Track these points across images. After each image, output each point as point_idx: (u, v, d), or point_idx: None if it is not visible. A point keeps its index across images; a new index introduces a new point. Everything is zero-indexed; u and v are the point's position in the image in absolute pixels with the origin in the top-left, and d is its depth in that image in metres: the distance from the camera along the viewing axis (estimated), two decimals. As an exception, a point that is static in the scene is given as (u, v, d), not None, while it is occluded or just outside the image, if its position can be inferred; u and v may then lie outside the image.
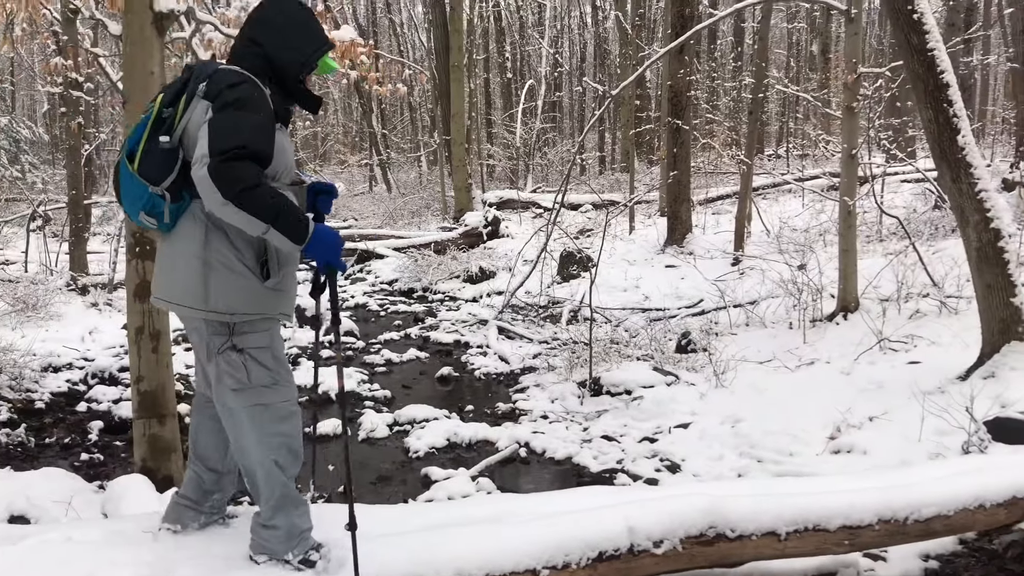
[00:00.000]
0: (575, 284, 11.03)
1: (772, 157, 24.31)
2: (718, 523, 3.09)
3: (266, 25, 2.64)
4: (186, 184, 2.49)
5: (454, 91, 17.05)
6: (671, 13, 12.61)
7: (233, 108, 2.41)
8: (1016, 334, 5.70)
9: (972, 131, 5.87)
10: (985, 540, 4.11)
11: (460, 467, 5.42)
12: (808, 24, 29.35)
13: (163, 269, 2.62)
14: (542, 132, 27.54)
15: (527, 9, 35.88)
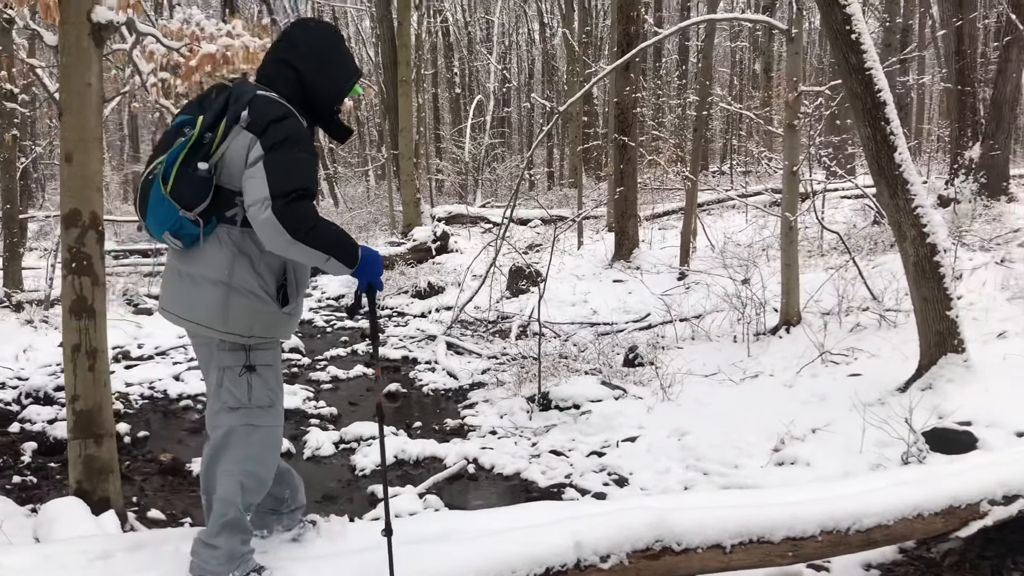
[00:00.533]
0: (524, 299, 11.04)
1: (716, 173, 24.68)
2: (664, 537, 3.10)
3: (303, 51, 2.64)
4: (215, 208, 2.51)
5: (402, 105, 17.00)
6: (617, 31, 12.75)
7: (284, 147, 2.44)
8: (952, 347, 5.85)
9: (909, 149, 6.02)
10: (924, 549, 4.20)
11: (407, 484, 5.37)
12: (751, 43, 29.98)
13: (180, 287, 2.63)
14: (491, 147, 27.61)
15: (475, 25, 36.04)
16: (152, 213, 2.51)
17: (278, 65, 2.64)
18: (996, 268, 8.69)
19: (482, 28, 36.25)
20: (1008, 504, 3.76)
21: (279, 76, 2.62)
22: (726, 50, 32.77)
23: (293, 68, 2.62)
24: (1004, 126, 13.66)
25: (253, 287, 2.55)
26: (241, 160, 2.45)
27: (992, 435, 5.07)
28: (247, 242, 2.55)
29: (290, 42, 2.67)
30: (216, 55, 5.47)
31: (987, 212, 12.19)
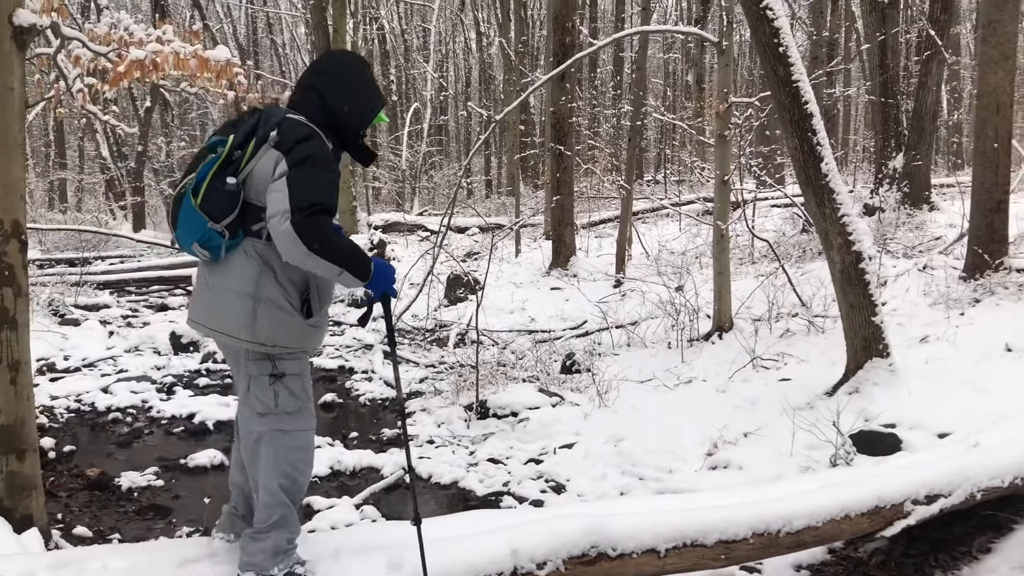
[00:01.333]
0: (462, 307, 11.04)
1: (651, 182, 25.03)
2: (600, 542, 3.13)
3: (330, 79, 2.80)
4: (243, 222, 2.65)
5: (338, 113, 16.88)
6: (552, 41, 12.86)
7: (308, 165, 2.57)
8: (877, 351, 6.03)
9: (835, 159, 6.20)
10: (852, 549, 4.32)
11: (344, 496, 5.32)
12: (683, 55, 30.51)
13: (208, 298, 2.76)
14: (428, 155, 27.56)
15: (412, 33, 35.96)
16: (183, 224, 2.65)
17: (306, 91, 2.80)
18: (919, 275, 9.00)
19: (419, 36, 36.20)
20: (930, 503, 3.89)
21: (306, 101, 2.77)
22: (660, 61, 33.29)
23: (319, 94, 2.77)
24: (926, 137, 14.16)
25: (278, 298, 2.67)
26: (267, 177, 2.59)
27: (915, 437, 5.24)
28: (272, 255, 2.66)
29: (317, 70, 2.85)
30: (145, 61, 5.36)
31: (910, 220, 12.62)
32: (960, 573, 4.03)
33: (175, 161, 27.48)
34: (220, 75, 5.60)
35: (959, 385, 5.79)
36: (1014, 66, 8.28)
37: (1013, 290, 7.59)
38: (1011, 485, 4.08)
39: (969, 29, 25.45)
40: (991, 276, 7.92)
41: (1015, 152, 10.18)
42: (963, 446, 4.70)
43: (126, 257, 16.99)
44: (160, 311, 12.47)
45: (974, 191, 8.30)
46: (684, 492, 4.68)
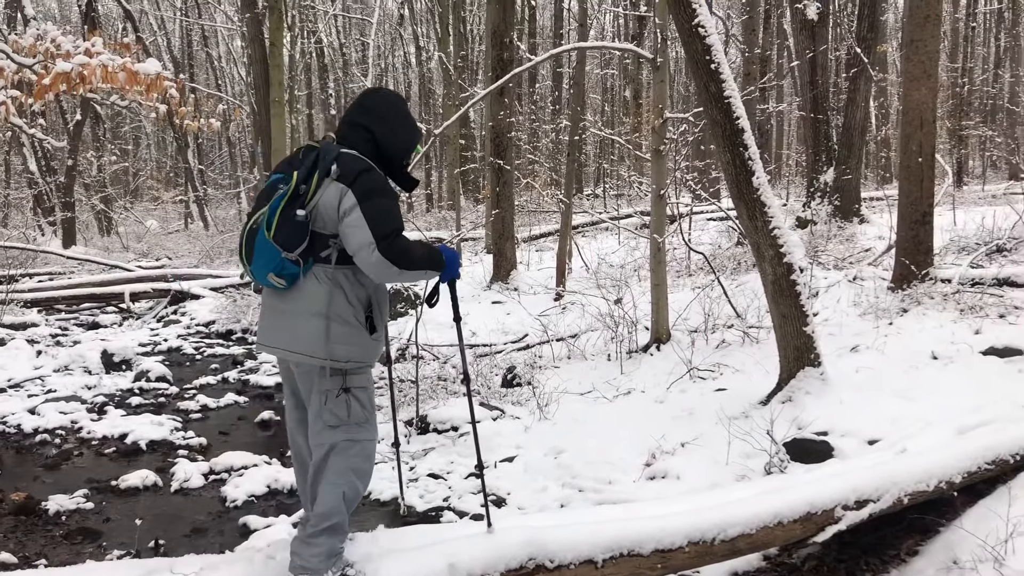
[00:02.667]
0: (402, 322, 10.97)
1: (590, 196, 25.30)
2: (538, 555, 3.14)
3: (375, 116, 3.08)
4: (311, 250, 2.89)
5: (275, 127, 16.65)
6: (491, 57, 12.94)
7: (376, 196, 2.86)
8: (809, 360, 6.17)
9: (768, 173, 6.35)
10: (785, 555, 4.39)
11: (281, 514, 5.25)
12: (621, 71, 30.93)
13: (283, 322, 2.97)
14: (368, 169, 27.37)
15: (350, 47, 35.80)
16: (257, 257, 2.86)
17: (355, 127, 3.07)
18: (849, 286, 9.25)
19: (357, 50, 36.06)
20: (860, 509, 3.99)
21: (356, 137, 3.05)
22: (598, 77, 33.69)
23: (367, 130, 3.05)
24: (855, 152, 14.60)
25: (348, 317, 2.92)
26: (333, 208, 2.85)
27: (846, 444, 5.36)
28: (340, 277, 2.92)
29: (364, 108, 3.11)
30: (72, 74, 5.23)
31: (841, 233, 12.97)
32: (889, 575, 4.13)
33: (107, 176, 26.84)
34: (151, 88, 5.49)
35: (888, 393, 5.95)
36: (936, 83, 8.58)
37: (938, 300, 7.84)
38: (936, 489, 4.21)
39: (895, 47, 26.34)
40: (917, 286, 8.17)
41: (938, 166, 10.53)
42: (891, 452, 4.82)
43: (55, 274, 16.53)
44: (91, 329, 12.16)
45: (900, 204, 8.56)
46: (623, 503, 4.70)
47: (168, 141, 34.40)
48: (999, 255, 9.79)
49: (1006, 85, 28.80)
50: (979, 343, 6.61)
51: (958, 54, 28.84)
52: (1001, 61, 30.83)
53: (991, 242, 10.07)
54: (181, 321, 12.56)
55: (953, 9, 29.37)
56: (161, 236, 24.27)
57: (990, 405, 5.27)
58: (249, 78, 24.02)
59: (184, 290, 13.43)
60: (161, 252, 20.37)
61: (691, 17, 6.03)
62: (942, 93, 24.38)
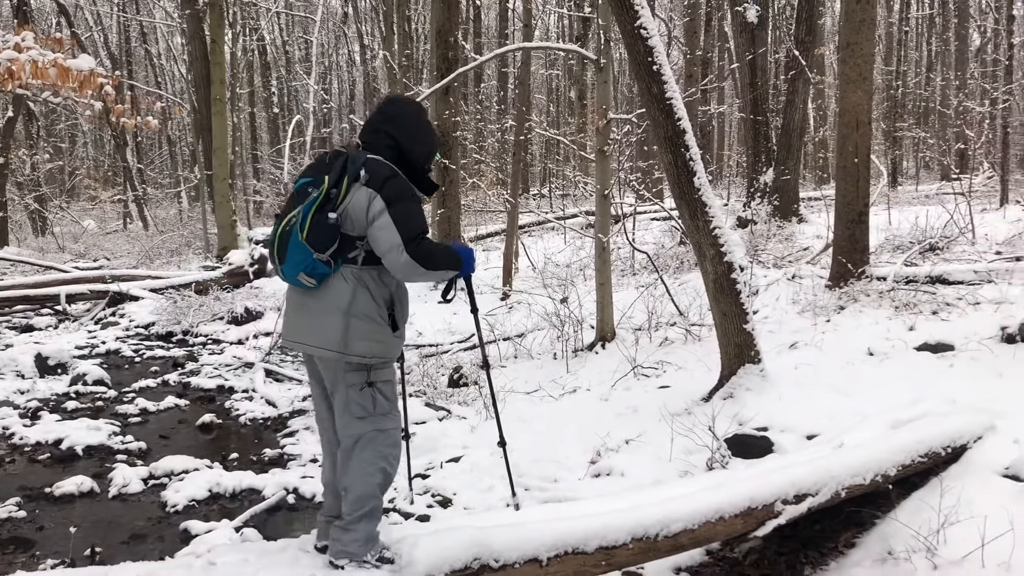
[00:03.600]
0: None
1: (537, 196, 25.36)
2: (482, 555, 3.14)
3: (398, 124, 3.24)
4: (340, 251, 3.04)
5: (216, 125, 16.41)
6: (435, 56, 12.89)
7: (403, 201, 3.02)
8: (749, 357, 6.28)
9: (710, 174, 6.44)
10: (727, 549, 4.47)
11: (224, 518, 5.16)
12: (566, 72, 31.09)
13: (310, 320, 3.10)
14: (311, 169, 27.06)
15: (294, 45, 35.37)
16: (290, 257, 3.01)
17: (378, 135, 3.22)
18: (788, 284, 9.43)
19: (301, 48, 35.64)
20: (799, 503, 4.07)
21: (381, 144, 3.20)
22: (543, 77, 33.81)
23: (391, 137, 3.20)
24: (794, 152, 14.89)
25: (373, 314, 3.07)
26: (363, 211, 3.00)
27: (786, 439, 5.47)
28: (365, 277, 3.08)
29: (386, 116, 3.26)
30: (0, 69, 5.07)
31: (780, 232, 13.21)
32: (828, 568, 4.23)
33: (41, 175, 26.10)
34: (84, 85, 5.35)
35: (826, 388, 6.09)
36: (871, 86, 8.80)
37: (874, 297, 8.04)
38: (872, 482, 4.31)
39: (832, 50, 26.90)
40: (854, 284, 8.37)
41: (874, 167, 10.79)
42: (829, 447, 4.93)
43: (-14, 276, 16.02)
44: (25, 332, 11.81)
45: (837, 204, 8.76)
46: (568, 500, 4.73)
47: (106, 139, 33.56)
48: (932, 253, 10.09)
49: (937, 88, 29.62)
50: (913, 339, 6.79)
51: (892, 58, 29.61)
52: (933, 65, 31.75)
53: (924, 241, 10.36)
54: (120, 323, 12.27)
55: (887, 14, 30.15)
56: (99, 236, 23.68)
57: (923, 399, 5.42)
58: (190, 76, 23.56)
59: (123, 291, 13.11)
60: (99, 253, 19.88)
61: (633, 19, 6.08)
62: (877, 96, 25.02)
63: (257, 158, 30.38)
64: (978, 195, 16.57)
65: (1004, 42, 20.30)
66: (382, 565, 3.11)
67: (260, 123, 33.83)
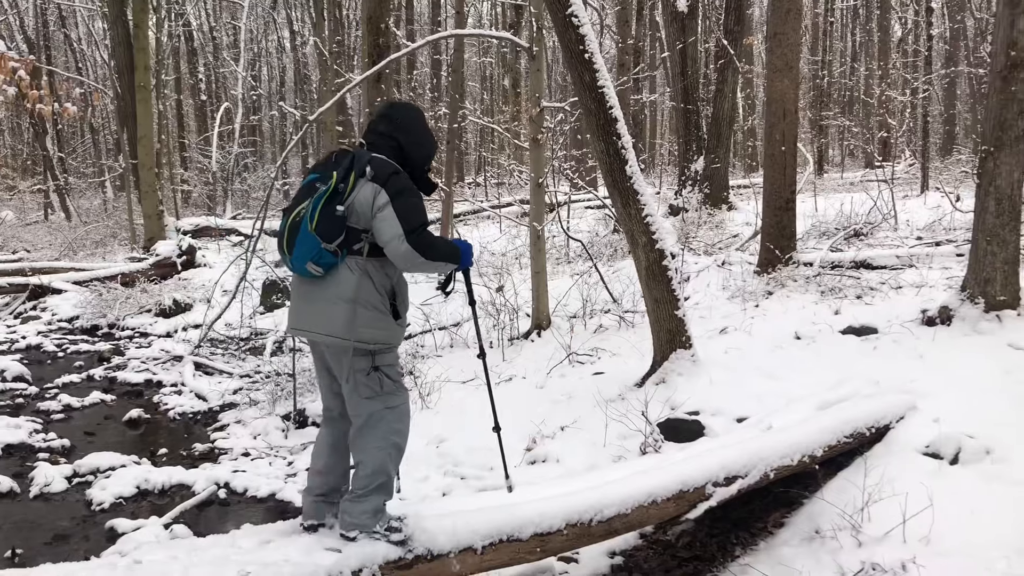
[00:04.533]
0: (279, 314, 10.73)
1: (471, 185, 25.32)
2: (416, 546, 3.13)
3: (401, 127, 3.42)
4: (346, 243, 3.19)
5: (141, 112, 15.94)
6: (367, 42, 12.72)
7: (405, 195, 3.20)
8: (681, 343, 6.37)
9: (642, 162, 6.50)
10: (661, 532, 4.54)
11: (152, 516, 5.05)
12: (499, 59, 31.02)
13: (316, 308, 3.25)
14: (241, 156, 26.55)
15: (221, 30, 34.55)
16: (299, 247, 3.17)
17: (381, 136, 3.41)
18: (718, 270, 9.59)
19: (229, 34, 34.82)
20: (729, 485, 4.15)
21: (384, 145, 3.39)
22: (476, 65, 33.69)
23: (393, 139, 3.40)
24: (723, 141, 15.10)
25: (376, 303, 3.23)
26: (368, 205, 3.17)
27: (717, 422, 5.57)
28: (369, 267, 3.23)
29: (389, 120, 3.44)
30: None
31: (710, 220, 13.41)
32: (757, 548, 4.32)
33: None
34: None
35: (755, 372, 6.20)
36: (798, 75, 8.98)
37: (801, 282, 8.22)
38: (799, 463, 4.42)
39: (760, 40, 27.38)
40: (781, 270, 8.55)
41: (800, 155, 11.03)
42: (758, 429, 5.04)
43: None
44: (-62, 328, 11.34)
45: (765, 191, 8.93)
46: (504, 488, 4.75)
47: (24, 127, 32.33)
48: (856, 239, 10.36)
49: (862, 78, 30.36)
50: (838, 323, 6.97)
51: (818, 48, 30.24)
52: (857, 55, 32.54)
53: (849, 227, 10.63)
54: (41, 317, 11.87)
55: (813, 4, 30.78)
56: (18, 227, 22.81)
57: (848, 381, 5.57)
58: (112, 62, 22.82)
59: (44, 284, 12.69)
60: (18, 244, 19.16)
61: (565, 7, 6.08)
62: (804, 85, 25.56)
63: (184, 146, 29.64)
64: (900, 182, 17.07)
65: (924, 33, 20.91)
66: (391, 534, 3.25)
67: (187, 111, 33.01)
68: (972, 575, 3.68)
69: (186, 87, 32.41)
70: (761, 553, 4.24)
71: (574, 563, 4.30)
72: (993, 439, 4.58)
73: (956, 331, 6.12)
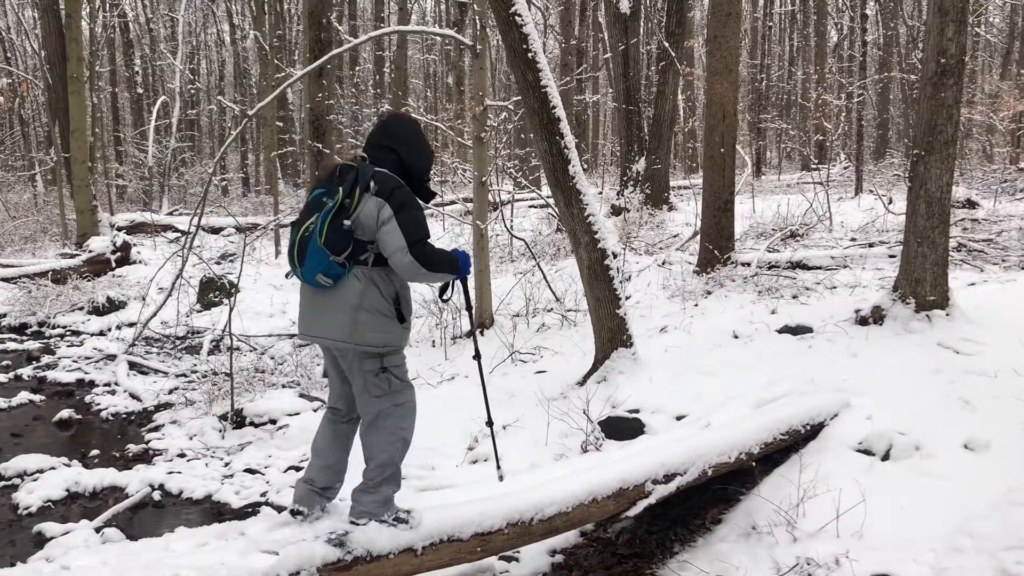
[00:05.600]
0: (217, 312, 10.54)
1: (415, 182, 25.10)
2: (354, 547, 3.10)
3: (399, 139, 3.58)
4: (352, 254, 3.34)
5: (73, 104, 15.50)
6: (308, 37, 12.58)
7: (408, 209, 3.35)
8: (622, 341, 6.42)
9: (585, 162, 6.53)
10: (601, 530, 4.57)
11: (83, 519, 4.91)
12: (443, 57, 30.92)
13: (326, 315, 3.40)
14: (178, 151, 26.01)
15: (159, 22, 33.78)
16: (309, 260, 3.31)
17: (382, 150, 3.54)
18: (658, 270, 9.70)
19: (166, 26, 34.06)
20: (668, 482, 4.19)
21: (384, 158, 3.52)
22: (420, 62, 33.51)
23: (393, 151, 3.54)
24: (664, 142, 15.28)
25: (382, 309, 3.39)
26: (373, 218, 3.32)
27: (656, 420, 5.62)
28: (375, 276, 3.38)
29: (387, 132, 3.60)
30: None
31: (652, 220, 13.56)
32: (696, 544, 4.38)
33: None
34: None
35: (694, 370, 6.28)
36: (737, 78, 9.12)
37: (739, 282, 8.36)
38: (737, 460, 4.49)
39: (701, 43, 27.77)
40: (720, 270, 8.68)
41: (739, 157, 11.21)
42: (697, 427, 5.11)
43: None
44: None
45: (705, 192, 9.05)
46: (446, 488, 4.73)
47: (-52, 118, 31.23)
48: (793, 240, 10.57)
49: (799, 82, 31.01)
50: (775, 322, 7.09)
51: (757, 51, 30.82)
52: (794, 59, 33.23)
53: (785, 228, 10.85)
54: (-35, 315, 11.47)
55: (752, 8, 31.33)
56: (-59, 222, 22.03)
57: (784, 379, 5.68)
58: (43, 52, 22.14)
59: (-31, 281, 12.26)
60: (-59, 240, 18.48)
61: (508, 5, 6.09)
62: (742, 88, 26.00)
63: (120, 140, 28.89)
64: (835, 184, 17.45)
65: (859, 39, 21.43)
66: (399, 523, 3.39)
67: (123, 104, 32.20)
68: (902, 568, 3.77)
69: (122, 79, 31.62)
70: (699, 549, 4.29)
71: (515, 562, 4.30)
72: (922, 436, 4.71)
73: (888, 330, 6.27)
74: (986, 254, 8.61)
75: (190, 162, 27.34)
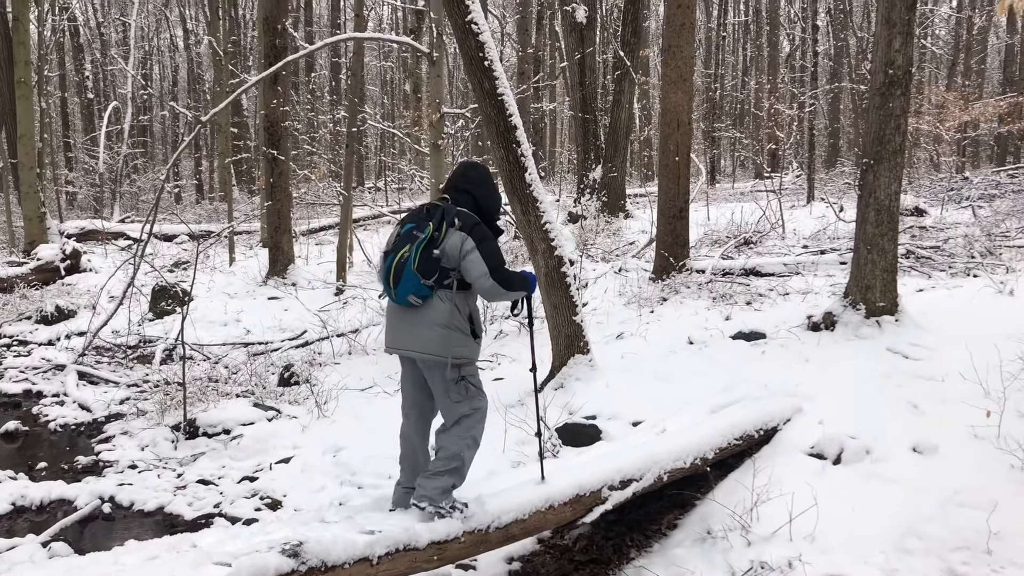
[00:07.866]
0: (170, 320, 10.37)
1: (372, 190, 25.06)
2: (309, 558, 3.06)
3: (476, 184, 4.07)
4: (439, 279, 3.82)
5: (21, 109, 15.19)
6: (263, 43, 12.46)
7: (487, 241, 3.86)
8: (579, 348, 6.45)
9: (542, 170, 6.56)
10: (558, 537, 4.58)
11: (29, 533, 4.80)
12: (400, 64, 30.85)
13: (415, 331, 3.85)
14: (130, 157, 25.58)
15: (110, 26, 33.25)
16: (403, 283, 3.82)
17: (461, 193, 4.04)
18: (615, 277, 9.76)
19: (118, 31, 33.53)
20: (624, 488, 4.22)
21: (463, 199, 4.03)
22: (377, 69, 33.40)
23: (471, 194, 4.04)
24: (620, 151, 15.40)
25: (461, 326, 3.87)
26: (457, 249, 3.81)
27: (613, 426, 5.65)
28: (457, 299, 3.86)
29: (467, 178, 4.10)
30: None
31: (608, 227, 13.65)
32: (652, 549, 4.41)
33: None
34: None
35: (650, 376, 6.33)
36: (691, 87, 9.23)
37: (694, 289, 8.44)
38: (692, 465, 4.54)
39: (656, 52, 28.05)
40: (676, 277, 8.76)
41: (693, 165, 11.33)
42: (653, 433, 5.14)
43: None
44: None
45: (660, 200, 9.13)
46: (402, 497, 4.70)
47: None
48: (746, 247, 10.71)
49: (752, 91, 31.49)
50: (729, 328, 7.18)
51: (711, 61, 31.24)
52: (748, 69, 33.74)
53: (739, 235, 10.98)
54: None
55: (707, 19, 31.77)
56: None
57: (738, 385, 5.74)
58: (-11, 55, 21.62)
59: (-89, 290, 11.92)
60: None
61: (464, 13, 6.10)
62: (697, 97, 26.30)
63: (70, 146, 28.34)
64: (788, 193, 17.75)
65: (810, 50, 21.84)
66: (453, 512, 3.72)
67: (73, 109, 31.60)
68: (853, 570, 3.84)
69: (72, 84, 31.05)
70: (655, 555, 4.32)
71: (472, 570, 4.30)
72: (873, 439, 4.80)
73: (839, 336, 6.38)
74: (934, 261, 8.80)
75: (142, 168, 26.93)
